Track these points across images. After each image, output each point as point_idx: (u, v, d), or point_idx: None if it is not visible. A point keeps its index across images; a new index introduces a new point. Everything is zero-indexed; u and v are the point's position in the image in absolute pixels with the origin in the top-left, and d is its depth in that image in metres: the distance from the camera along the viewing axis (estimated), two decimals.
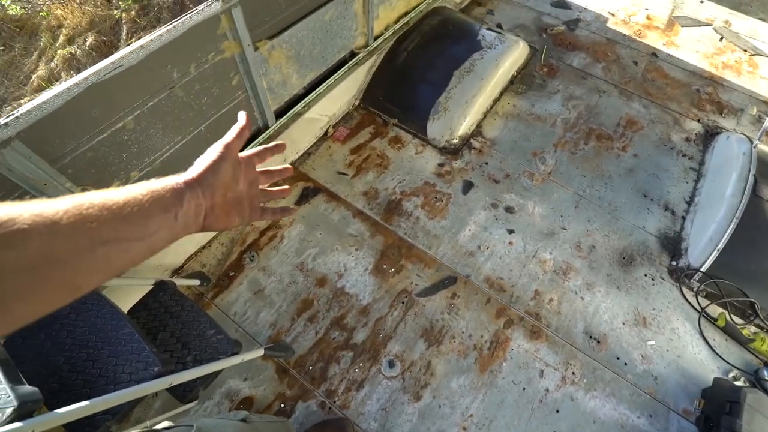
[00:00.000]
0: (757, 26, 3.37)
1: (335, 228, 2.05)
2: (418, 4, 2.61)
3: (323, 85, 2.18)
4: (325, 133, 2.42)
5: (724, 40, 3.20)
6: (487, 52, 2.47)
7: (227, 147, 0.53)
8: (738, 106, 2.76)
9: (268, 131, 1.97)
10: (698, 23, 3.32)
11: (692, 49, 3.11)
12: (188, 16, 1.33)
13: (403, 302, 1.84)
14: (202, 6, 1.36)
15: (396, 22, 2.49)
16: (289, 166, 0.66)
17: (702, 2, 3.53)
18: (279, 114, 2.03)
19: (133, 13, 4.63)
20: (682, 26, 3.28)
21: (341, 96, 2.37)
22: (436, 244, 2.02)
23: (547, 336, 1.79)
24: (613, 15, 3.33)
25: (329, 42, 2.09)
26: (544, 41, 3.04)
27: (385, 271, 1.93)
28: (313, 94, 2.13)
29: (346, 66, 2.26)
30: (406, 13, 2.54)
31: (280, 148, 0.63)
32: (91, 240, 0.35)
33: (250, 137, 1.90)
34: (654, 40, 3.15)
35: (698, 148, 2.50)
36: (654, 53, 3.04)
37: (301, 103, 2.08)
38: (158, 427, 0.78)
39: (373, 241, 2.02)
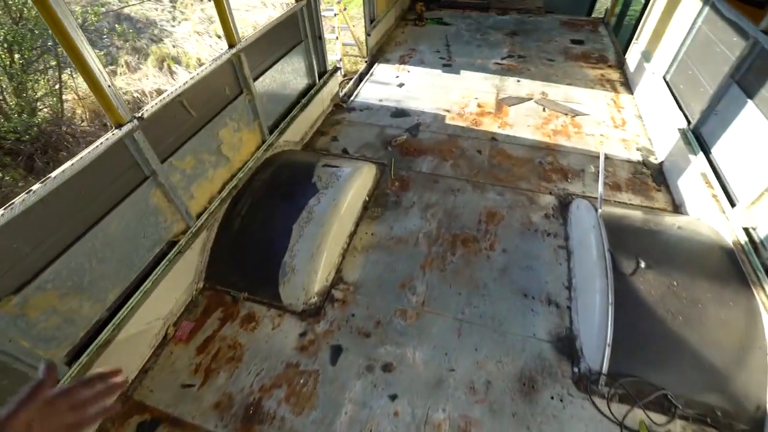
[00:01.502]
0: (567, 91, 3.78)
1: None
2: (245, 163, 2.49)
3: (138, 292, 1.85)
4: (165, 336, 2.03)
5: (546, 109, 3.51)
6: (324, 194, 2.36)
7: (29, 396, 0.55)
8: (578, 167, 2.90)
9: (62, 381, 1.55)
10: (521, 100, 3.64)
11: (524, 125, 3.34)
12: None
13: None
14: None
15: (220, 191, 2.31)
16: (118, 382, 0.64)
17: (519, 81, 3.94)
18: (78, 352, 1.63)
19: None
20: (509, 106, 3.57)
21: (174, 289, 2.05)
22: None
23: None
24: (448, 111, 3.54)
25: (131, 247, 1.81)
26: (391, 154, 3.07)
27: None
28: (124, 309, 1.78)
29: (166, 259, 1.97)
30: (232, 177, 2.39)
31: (105, 379, 0.62)
32: None
33: None
34: (489, 125, 3.35)
35: (559, 222, 2.51)
36: (493, 137, 3.20)
37: (108, 327, 1.71)
38: None
39: None
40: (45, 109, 6.35)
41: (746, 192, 2.09)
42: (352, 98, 3.75)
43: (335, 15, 6.50)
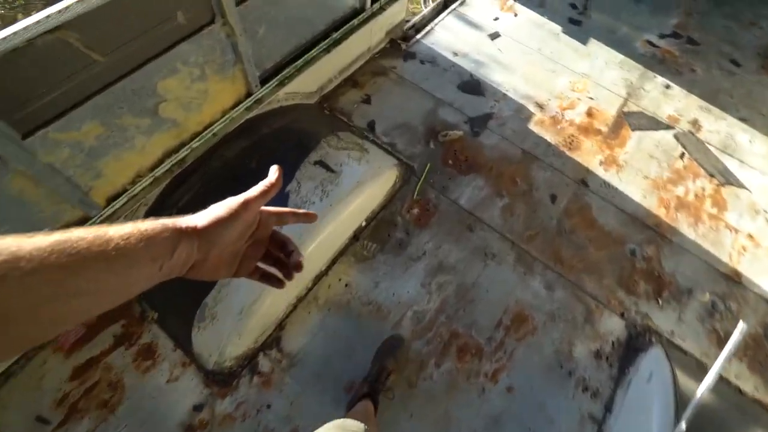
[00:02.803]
0: (734, 131, 2.45)
1: None
2: (207, 128, 1.68)
3: None
4: None
5: (686, 156, 2.30)
6: (306, 206, 1.60)
7: (245, 205, 0.49)
8: (685, 284, 1.91)
9: None
10: (656, 125, 2.40)
11: (640, 172, 2.22)
12: None
13: None
14: None
15: (155, 166, 1.58)
16: (314, 213, 0.59)
17: (668, 88, 2.59)
18: None
19: None
20: (633, 130, 2.37)
21: None
22: None
23: None
24: (541, 108, 2.40)
25: None
26: (430, 155, 2.14)
27: None
28: None
29: None
30: (179, 146, 1.63)
31: (310, 218, 0.58)
32: (65, 291, 0.33)
33: None
34: (589, 154, 2.25)
35: (610, 372, 1.69)
36: (584, 180, 2.15)
37: None
38: None
39: None
40: None
41: None
42: (419, 36, 2.61)
43: None
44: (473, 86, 2.42)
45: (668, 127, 2.41)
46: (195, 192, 1.64)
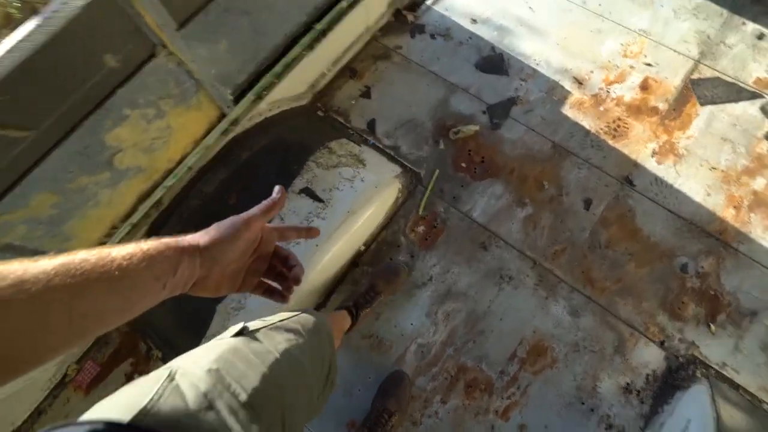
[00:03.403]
0: None
1: None
2: (179, 163, 1.53)
3: None
4: (64, 375, 1.68)
5: None
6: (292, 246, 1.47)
7: (247, 223, 0.51)
8: (749, 305, 1.58)
9: None
10: (736, 95, 1.88)
11: (706, 162, 1.79)
12: None
13: None
14: None
15: (129, 215, 1.49)
16: (316, 228, 0.60)
17: (761, 38, 1.98)
18: None
19: None
20: (702, 104, 1.88)
21: None
22: None
23: None
24: (581, 84, 1.96)
25: None
26: (439, 157, 1.86)
27: None
28: None
29: None
30: (152, 188, 1.51)
31: (312, 233, 0.59)
32: (70, 312, 0.34)
33: None
34: (640, 142, 1.84)
35: (641, 408, 1.48)
36: (629, 178, 1.78)
37: None
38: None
39: None
40: None
41: None
42: (429, 2, 2.18)
43: None
44: (495, 62, 2.01)
45: (754, 95, 1.88)
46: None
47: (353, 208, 1.57)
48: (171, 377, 0.51)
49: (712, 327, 1.56)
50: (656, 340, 1.55)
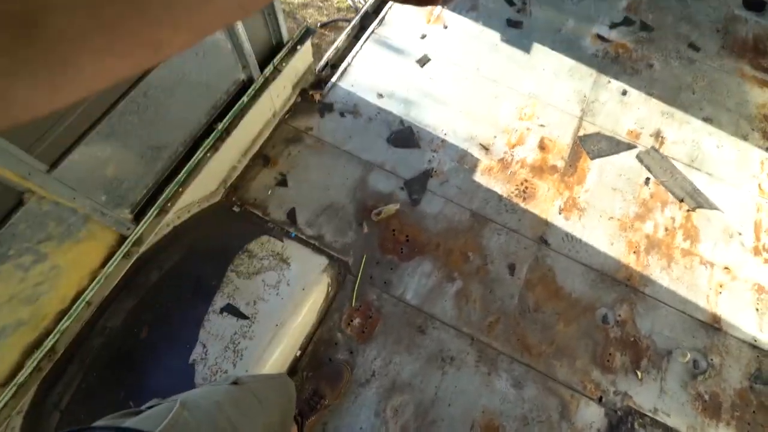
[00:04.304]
0: (700, 137, 2.20)
1: None
2: (73, 304, 1.32)
3: None
4: None
5: (651, 181, 2.05)
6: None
7: None
8: (663, 346, 1.74)
9: None
10: (616, 147, 2.12)
11: (604, 213, 1.97)
12: None
13: None
14: None
15: (16, 372, 1.24)
16: None
17: (625, 94, 2.28)
18: None
19: None
20: (592, 158, 2.09)
21: None
22: None
23: None
24: (487, 150, 2.08)
25: None
26: (365, 241, 1.83)
27: None
28: None
29: None
30: (41, 339, 1.28)
31: None
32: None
33: None
34: (547, 201, 1.98)
35: None
36: (543, 237, 1.89)
37: None
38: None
39: None
40: None
41: None
42: (335, 78, 2.20)
43: None
44: (405, 136, 2.07)
45: (629, 146, 2.13)
46: (76, 387, 1.33)
47: (282, 319, 1.47)
48: (183, 406, 0.61)
49: (639, 373, 1.68)
50: (594, 398, 1.63)
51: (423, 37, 2.37)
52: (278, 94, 1.95)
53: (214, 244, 1.64)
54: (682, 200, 2.01)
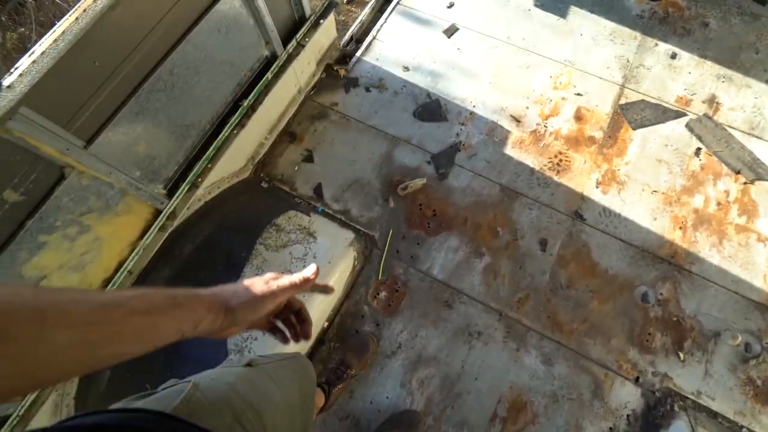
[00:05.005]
0: (763, 102, 1.98)
1: None
2: (117, 271, 1.42)
3: None
4: None
5: (703, 151, 1.89)
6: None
7: (276, 295, 0.56)
8: (711, 327, 1.62)
9: None
10: (662, 115, 1.96)
11: (647, 186, 1.84)
12: None
13: None
14: None
15: None
16: (332, 287, 0.68)
17: (674, 57, 2.09)
18: None
19: None
20: (634, 128, 1.94)
21: None
22: None
23: None
24: (518, 122, 1.98)
25: None
26: (392, 216, 1.82)
27: None
28: None
29: None
30: None
31: (328, 290, 0.68)
32: (93, 351, 0.36)
33: None
34: (583, 174, 1.87)
35: None
36: (578, 212, 1.80)
37: None
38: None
39: None
40: None
41: None
42: (360, 53, 2.16)
43: None
44: (432, 109, 2.01)
45: (678, 114, 1.96)
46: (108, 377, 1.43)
47: (329, 264, 1.50)
48: (196, 387, 0.59)
49: (681, 355, 1.58)
50: (630, 378, 1.55)
51: (450, 6, 2.27)
52: (303, 70, 1.95)
53: (244, 218, 1.69)
54: (738, 172, 1.84)
